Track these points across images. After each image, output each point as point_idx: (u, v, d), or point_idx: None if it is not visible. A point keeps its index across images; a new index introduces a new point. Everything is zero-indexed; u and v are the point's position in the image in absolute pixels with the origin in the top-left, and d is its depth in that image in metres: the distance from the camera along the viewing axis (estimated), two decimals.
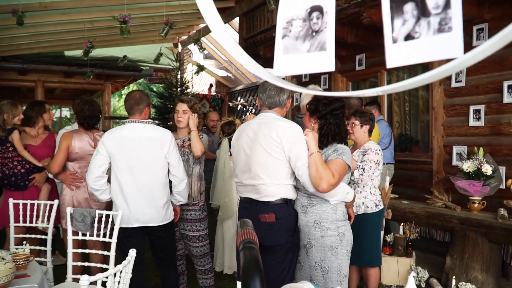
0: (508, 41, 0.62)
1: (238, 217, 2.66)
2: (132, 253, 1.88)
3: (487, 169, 3.69)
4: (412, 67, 5.49)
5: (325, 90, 6.96)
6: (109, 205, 3.57)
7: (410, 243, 4.01)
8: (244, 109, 9.64)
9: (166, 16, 6.27)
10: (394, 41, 0.68)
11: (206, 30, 8.13)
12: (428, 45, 0.64)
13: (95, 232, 2.89)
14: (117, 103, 24.74)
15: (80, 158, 3.49)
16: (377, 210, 3.28)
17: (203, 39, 8.19)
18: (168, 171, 3.01)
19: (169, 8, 6.55)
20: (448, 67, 0.60)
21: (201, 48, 6.94)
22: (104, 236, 2.87)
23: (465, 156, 4.59)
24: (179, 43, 9.43)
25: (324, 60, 0.77)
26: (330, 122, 2.50)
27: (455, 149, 4.92)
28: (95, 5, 5.83)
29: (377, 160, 3.19)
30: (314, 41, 0.79)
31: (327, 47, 0.77)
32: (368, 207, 3.23)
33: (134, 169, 2.86)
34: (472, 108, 4.73)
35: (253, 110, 9.18)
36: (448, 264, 3.83)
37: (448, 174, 4.90)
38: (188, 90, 8.43)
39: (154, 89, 13.39)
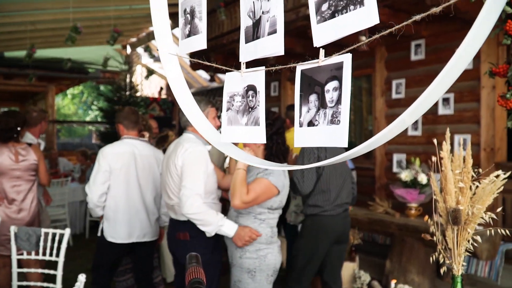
0: (388, 139, 0.75)
1: (167, 235, 2.79)
2: (82, 278, 1.88)
3: (422, 178, 3.97)
4: (356, 82, 5.75)
5: (274, 97, 7.13)
6: (31, 223, 3.47)
7: (353, 248, 4.24)
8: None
9: (115, 20, 6.17)
10: (300, 125, 0.80)
11: None
12: (323, 133, 0.76)
13: (40, 250, 2.84)
14: (61, 102, 23.78)
15: (1, 174, 3.36)
16: None
17: (153, 42, 8.09)
18: None
19: (118, 12, 6.43)
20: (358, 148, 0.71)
21: (152, 56, 6.87)
22: (51, 255, 2.82)
23: (405, 165, 4.89)
24: (127, 45, 9.25)
25: (258, 134, 0.90)
26: (279, 142, 2.47)
27: (396, 157, 5.22)
28: (40, 8, 5.62)
29: None
30: (250, 116, 0.91)
31: (260, 122, 0.88)
32: None
33: (133, 184, 2.97)
34: None
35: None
36: (388, 267, 4.09)
37: (389, 180, 5.20)
38: (138, 94, 8.30)
39: (102, 88, 13.07)
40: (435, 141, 1.24)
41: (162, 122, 7.16)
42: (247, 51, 0.90)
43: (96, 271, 3.05)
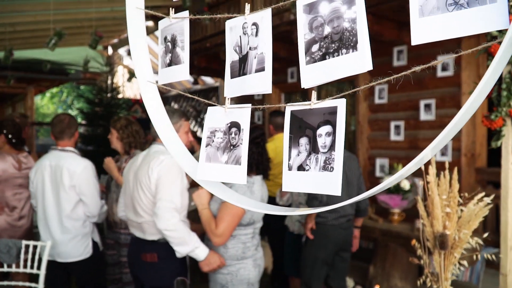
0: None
1: (127, 256, 2.60)
2: None
3: (405, 184, 4.02)
4: (339, 86, 5.79)
5: (258, 100, 7.13)
6: (30, 233, 3.44)
7: None
8: (184, 106, 9.54)
9: (96, 21, 6.06)
10: (289, 168, 0.77)
11: None
12: (315, 179, 0.73)
13: (21, 263, 2.78)
14: (40, 102, 23.31)
15: (4, 181, 3.32)
16: None
17: None
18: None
19: (99, 13, 6.32)
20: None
21: None
22: (32, 267, 2.77)
23: (387, 169, 4.94)
24: (109, 46, 9.12)
25: (238, 173, 0.85)
26: (253, 151, 2.35)
27: (378, 161, 5.28)
28: (19, 10, 5.49)
29: None
30: (232, 154, 0.87)
31: (242, 161, 0.85)
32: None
33: (45, 199, 2.81)
34: (393, 124, 5.10)
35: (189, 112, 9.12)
36: (371, 272, 4.13)
37: (372, 184, 5.25)
38: (119, 96, 8.17)
39: (81, 88, 12.87)
40: (422, 166, 1.24)
41: (145, 125, 7.07)
42: (233, 87, 0.86)
43: None
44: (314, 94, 0.74)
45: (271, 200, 3.96)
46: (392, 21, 4.70)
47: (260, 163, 2.41)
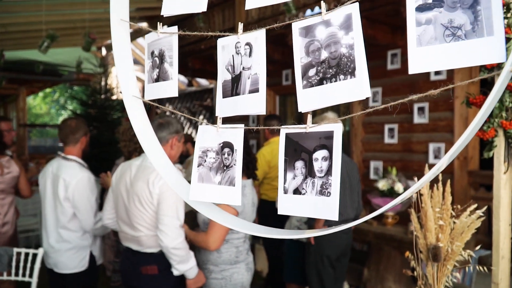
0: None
1: (120, 269, 2.51)
2: None
3: (399, 187, 4.04)
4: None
5: None
6: (14, 239, 3.39)
7: None
8: (173, 115, 9.52)
9: (90, 22, 6.03)
10: (285, 191, 0.76)
11: (132, 36, 7.92)
12: (312, 203, 0.72)
13: (13, 271, 2.75)
14: (32, 102, 23.14)
15: None
16: None
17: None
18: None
19: (92, 15, 6.29)
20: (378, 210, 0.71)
21: None
22: (24, 275, 2.75)
23: (381, 172, 4.96)
24: (103, 47, 9.07)
25: (232, 195, 0.83)
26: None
27: (372, 164, 5.30)
28: (11, 11, 5.44)
29: None
30: (225, 175, 0.84)
31: (236, 183, 0.83)
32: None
33: (46, 207, 2.76)
34: (387, 127, 5.12)
35: (181, 118, 9.10)
36: (366, 275, 4.15)
37: (366, 186, 5.27)
38: (113, 97, 8.12)
39: (75, 89, 12.79)
40: (415, 179, 1.25)
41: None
42: (225, 107, 0.84)
43: None
44: (309, 118, 0.73)
45: (270, 205, 3.96)
46: (385, 24, 4.72)
47: (249, 163, 2.45)
